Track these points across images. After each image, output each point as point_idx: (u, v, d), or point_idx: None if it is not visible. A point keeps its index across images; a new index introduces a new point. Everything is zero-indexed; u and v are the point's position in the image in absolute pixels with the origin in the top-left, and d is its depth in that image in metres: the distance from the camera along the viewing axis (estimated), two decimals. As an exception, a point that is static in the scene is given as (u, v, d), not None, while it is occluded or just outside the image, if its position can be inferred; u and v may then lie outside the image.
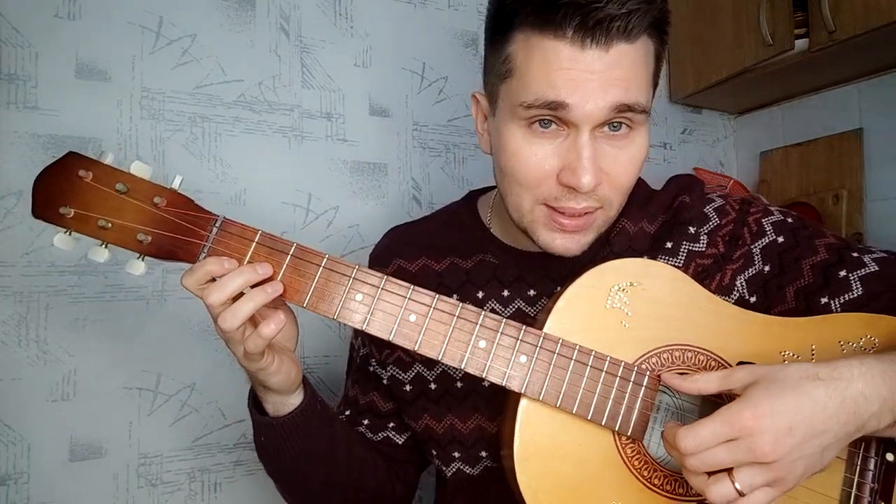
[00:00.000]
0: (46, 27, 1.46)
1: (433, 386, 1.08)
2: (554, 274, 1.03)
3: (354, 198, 1.76)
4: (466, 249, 1.11)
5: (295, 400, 0.97)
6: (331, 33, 1.77)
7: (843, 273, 0.97)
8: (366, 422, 1.16)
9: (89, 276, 1.46)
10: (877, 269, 0.96)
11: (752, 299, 1.01)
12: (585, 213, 0.92)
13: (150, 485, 1.49)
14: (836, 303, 0.96)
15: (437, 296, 0.86)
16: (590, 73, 0.83)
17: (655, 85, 0.94)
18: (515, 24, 0.87)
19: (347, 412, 1.18)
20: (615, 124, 0.89)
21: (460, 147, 1.90)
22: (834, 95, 2.04)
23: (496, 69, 0.93)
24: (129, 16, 1.54)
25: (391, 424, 1.16)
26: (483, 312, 0.86)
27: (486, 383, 1.03)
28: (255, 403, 1.00)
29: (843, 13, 1.63)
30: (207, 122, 1.60)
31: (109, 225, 0.83)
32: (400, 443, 1.16)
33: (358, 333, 1.19)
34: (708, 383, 0.80)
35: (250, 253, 0.85)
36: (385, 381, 1.13)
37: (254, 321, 0.85)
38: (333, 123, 1.75)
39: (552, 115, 0.87)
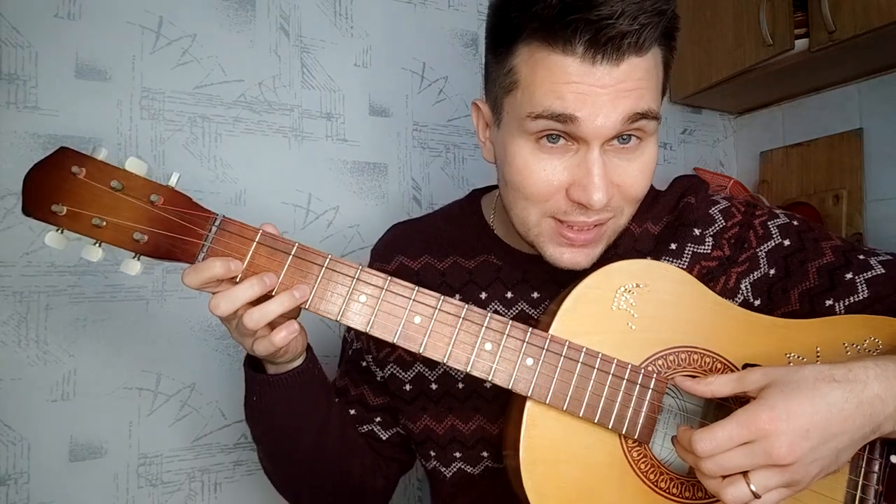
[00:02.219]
0: (46, 27, 1.45)
1: (434, 386, 1.08)
2: (558, 276, 1.03)
3: (354, 198, 1.76)
4: (470, 249, 1.10)
5: (296, 363, 0.97)
6: (331, 33, 1.77)
7: (849, 275, 0.96)
8: (353, 412, 1.15)
9: (89, 276, 1.45)
10: (883, 271, 0.96)
11: (757, 302, 1.01)
12: (596, 226, 0.91)
13: (150, 485, 1.49)
14: (841, 305, 0.95)
15: (441, 297, 0.85)
16: (600, 88, 0.82)
17: (664, 92, 0.93)
18: (521, 37, 0.85)
19: (336, 400, 1.15)
20: (625, 137, 0.87)
21: (460, 147, 1.90)
22: (834, 95, 2.04)
23: (500, 81, 0.91)
24: (129, 16, 1.54)
25: (378, 419, 1.15)
26: (489, 314, 0.85)
27: (487, 384, 1.03)
28: (251, 361, 0.99)
29: (843, 13, 1.63)
30: (207, 122, 1.60)
31: (104, 223, 0.80)
32: (384, 438, 1.15)
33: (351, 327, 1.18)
34: (722, 386, 0.79)
35: (251, 253, 0.83)
36: (379, 379, 1.13)
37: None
38: (333, 123, 1.75)
39: (561, 130, 0.85)
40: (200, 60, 1.61)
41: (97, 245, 0.81)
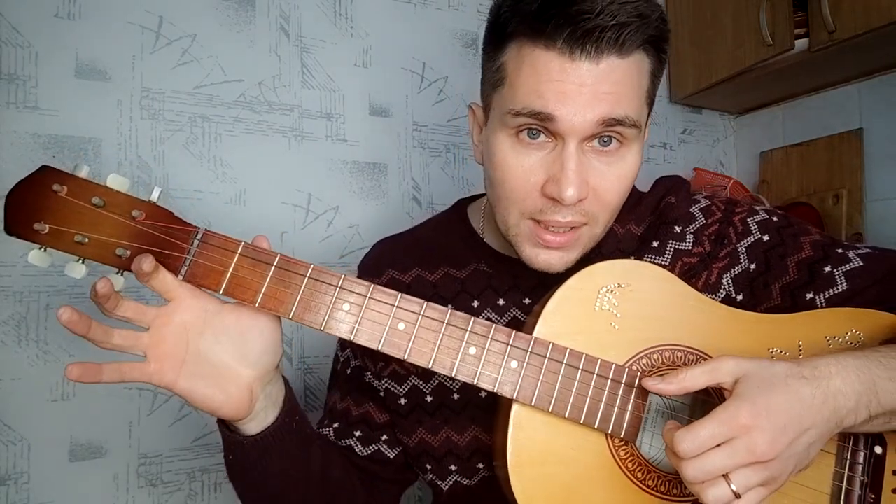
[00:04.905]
0: (46, 27, 1.46)
1: (429, 398, 1.07)
2: (547, 281, 1.02)
3: (354, 198, 1.77)
4: (460, 259, 1.10)
5: (270, 418, 0.92)
6: (331, 33, 1.77)
7: (827, 269, 0.97)
8: (357, 433, 1.12)
9: (90, 276, 1.45)
10: (861, 264, 0.97)
11: (739, 297, 1.01)
12: (571, 228, 0.92)
13: (150, 485, 1.50)
14: (821, 298, 0.96)
15: (425, 303, 0.85)
16: (579, 86, 0.83)
17: (651, 103, 0.93)
18: (509, 34, 0.88)
19: (336, 425, 1.13)
20: (605, 139, 0.88)
21: (460, 147, 1.90)
22: (834, 95, 2.04)
23: (490, 78, 0.93)
24: (129, 16, 1.55)
25: (384, 437, 1.12)
26: (472, 318, 0.85)
27: (482, 394, 1.03)
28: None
29: (843, 13, 1.63)
30: (207, 122, 1.61)
31: (86, 240, 0.79)
32: (391, 457, 1.12)
33: (346, 346, 1.17)
34: (694, 379, 0.78)
35: (233, 265, 0.83)
36: (381, 394, 1.11)
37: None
38: (333, 123, 1.75)
39: (540, 126, 0.87)
40: (200, 60, 1.62)
41: (80, 262, 0.81)
